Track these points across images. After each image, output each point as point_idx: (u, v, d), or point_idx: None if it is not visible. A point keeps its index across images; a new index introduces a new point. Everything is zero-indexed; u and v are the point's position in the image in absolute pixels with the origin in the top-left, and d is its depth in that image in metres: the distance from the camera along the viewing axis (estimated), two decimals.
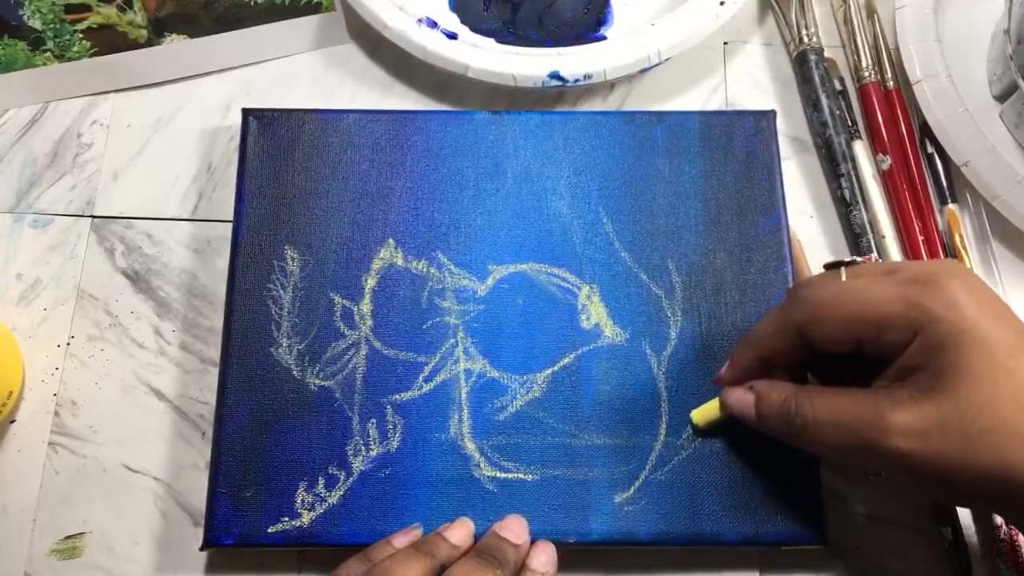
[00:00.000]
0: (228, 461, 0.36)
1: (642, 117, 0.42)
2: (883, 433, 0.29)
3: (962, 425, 0.28)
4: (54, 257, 0.42)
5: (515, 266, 0.39)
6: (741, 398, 0.34)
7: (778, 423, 0.33)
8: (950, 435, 0.28)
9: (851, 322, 0.30)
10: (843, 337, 0.31)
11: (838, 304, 0.31)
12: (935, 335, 0.29)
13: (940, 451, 0.29)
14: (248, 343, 0.38)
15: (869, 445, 0.30)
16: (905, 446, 0.29)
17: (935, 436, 0.29)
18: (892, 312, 0.29)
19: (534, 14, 0.47)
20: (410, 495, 0.36)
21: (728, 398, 0.35)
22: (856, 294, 0.31)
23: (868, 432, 0.30)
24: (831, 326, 0.31)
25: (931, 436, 0.29)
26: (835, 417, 0.31)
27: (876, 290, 0.30)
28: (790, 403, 0.32)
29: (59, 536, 0.38)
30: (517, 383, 0.38)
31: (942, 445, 0.28)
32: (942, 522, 0.37)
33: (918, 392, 0.29)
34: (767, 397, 0.33)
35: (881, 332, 0.30)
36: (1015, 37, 0.42)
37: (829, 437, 0.31)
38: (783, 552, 0.37)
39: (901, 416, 0.29)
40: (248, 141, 0.41)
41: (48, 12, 0.45)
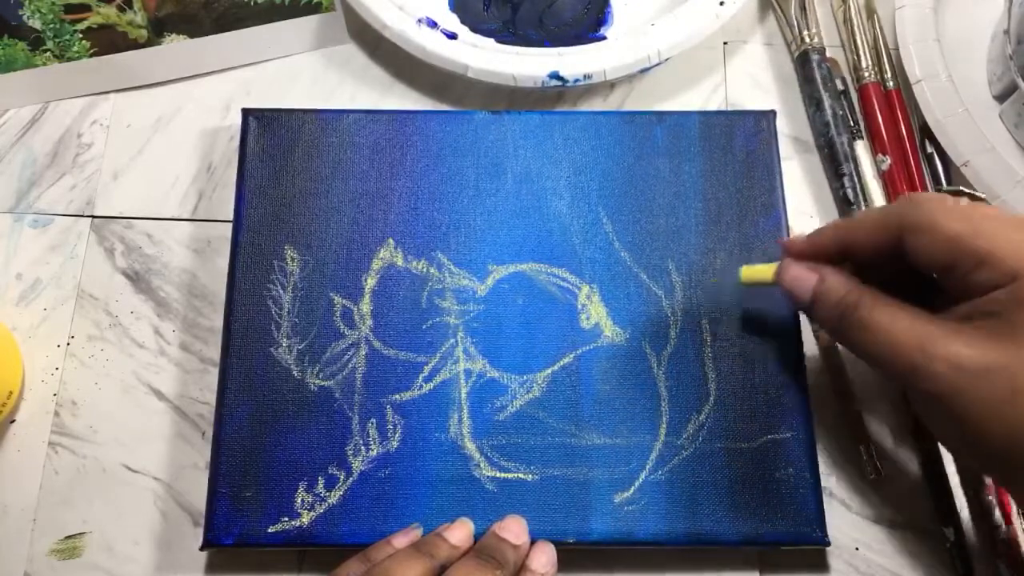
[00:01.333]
0: (228, 461, 0.36)
1: (642, 117, 0.42)
2: (931, 356, 0.28)
3: (1015, 379, 0.27)
4: (54, 257, 0.42)
5: (515, 266, 0.39)
6: (801, 275, 0.33)
7: (832, 313, 0.32)
8: (999, 384, 0.27)
9: (957, 245, 0.29)
10: (941, 255, 0.29)
11: (952, 221, 0.29)
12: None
13: (981, 394, 0.28)
14: (248, 343, 0.38)
15: (913, 362, 0.29)
16: (948, 375, 0.28)
17: (983, 377, 0.28)
18: (1002, 251, 0.28)
19: (534, 14, 0.47)
20: (410, 495, 0.36)
21: (788, 270, 0.34)
22: (974, 221, 0.29)
23: (918, 350, 0.29)
24: (936, 241, 0.29)
25: (978, 376, 0.28)
26: (891, 326, 0.30)
27: (995, 225, 0.29)
28: (853, 297, 0.31)
29: (59, 536, 0.38)
30: (517, 383, 0.38)
31: (986, 389, 0.28)
32: (944, 522, 0.37)
33: (983, 333, 0.28)
34: (831, 283, 0.32)
35: (980, 265, 0.29)
36: (1015, 37, 0.42)
37: (880, 346, 0.30)
38: (783, 552, 0.37)
39: (957, 346, 0.28)
40: (248, 141, 0.41)
41: (48, 12, 0.45)
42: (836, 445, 0.39)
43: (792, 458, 0.36)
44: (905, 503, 0.38)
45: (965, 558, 0.37)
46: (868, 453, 0.38)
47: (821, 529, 0.36)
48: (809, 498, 0.36)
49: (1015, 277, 0.28)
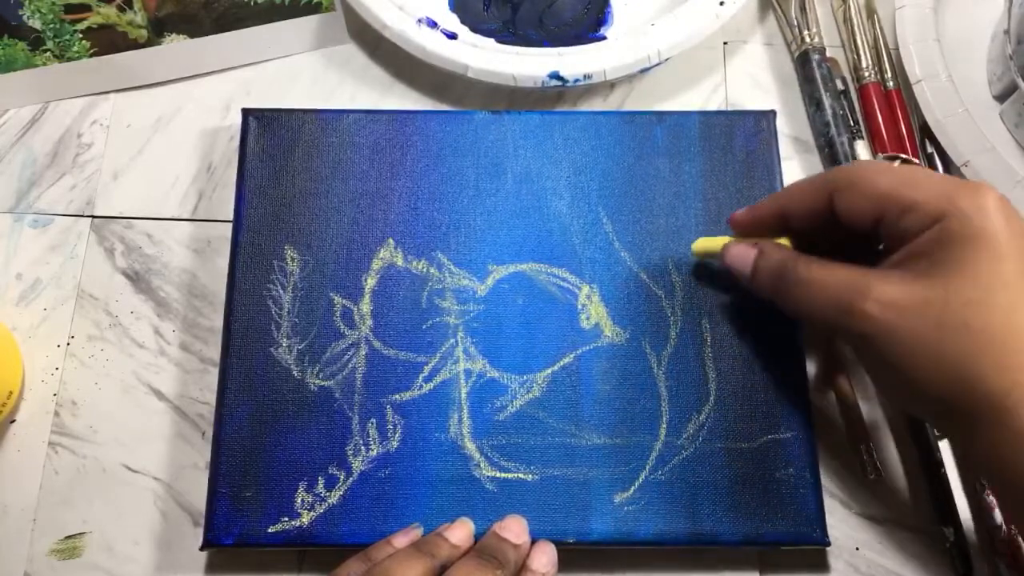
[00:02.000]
0: (228, 461, 0.36)
1: (642, 117, 0.42)
2: (862, 298, 0.30)
3: (942, 314, 0.28)
4: (54, 257, 0.42)
5: (515, 266, 0.39)
6: (743, 251, 0.35)
7: (771, 279, 0.34)
8: (926, 319, 0.29)
9: (882, 196, 0.31)
10: (868, 209, 0.31)
11: (878, 178, 0.31)
12: (953, 228, 0.29)
13: (910, 330, 0.29)
14: (248, 343, 0.38)
15: (845, 306, 0.30)
16: (878, 314, 0.29)
17: (911, 314, 0.29)
18: (924, 197, 0.30)
19: (534, 14, 0.47)
20: (410, 495, 0.36)
21: (730, 250, 0.36)
22: (897, 176, 0.31)
23: (849, 295, 0.30)
24: (862, 196, 0.31)
25: (907, 313, 0.29)
26: (825, 279, 0.32)
27: (917, 176, 0.31)
28: (788, 262, 0.33)
29: (59, 536, 0.38)
30: (517, 383, 0.38)
31: (915, 324, 0.29)
32: (944, 522, 0.37)
33: (912, 274, 0.30)
34: (769, 252, 0.34)
35: (905, 212, 0.30)
36: (1015, 37, 0.42)
37: (814, 296, 0.32)
38: (783, 552, 0.37)
39: (885, 287, 0.30)
40: (248, 141, 0.41)
41: (48, 12, 0.45)
42: (836, 445, 0.39)
43: (792, 458, 0.36)
44: (905, 503, 0.38)
45: (965, 558, 0.37)
46: (868, 453, 0.38)
47: (821, 529, 0.36)
48: (809, 498, 0.36)
49: (938, 218, 0.29)
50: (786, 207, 0.35)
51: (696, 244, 0.38)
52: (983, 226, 0.29)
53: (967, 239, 0.29)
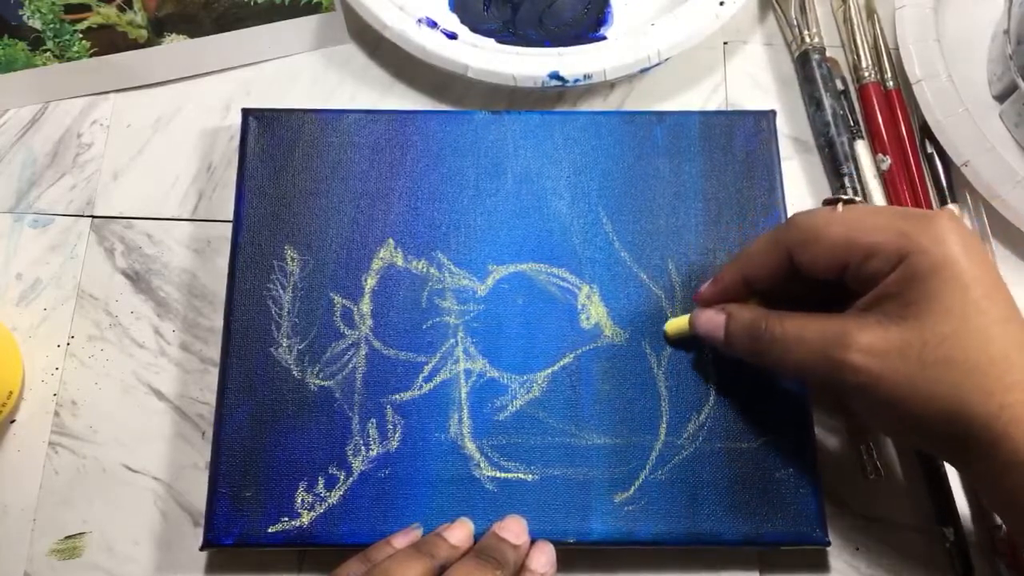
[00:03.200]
0: (228, 461, 0.36)
1: (642, 117, 0.42)
2: (844, 349, 0.30)
3: (923, 352, 0.29)
4: (54, 257, 0.42)
5: (515, 266, 0.39)
6: (711, 318, 0.35)
7: (745, 340, 0.34)
8: (909, 360, 0.29)
9: (841, 246, 0.31)
10: (830, 261, 0.32)
11: (832, 229, 0.31)
12: (916, 265, 0.29)
13: (896, 374, 0.29)
14: (248, 343, 0.38)
15: (829, 360, 0.30)
16: (863, 363, 0.30)
17: (894, 358, 0.29)
18: (882, 240, 0.30)
19: (534, 14, 0.47)
20: (410, 495, 0.36)
21: (699, 318, 0.36)
22: (850, 222, 0.31)
23: (830, 348, 0.30)
24: (821, 249, 0.32)
25: (890, 358, 0.29)
26: (801, 333, 0.32)
27: (871, 219, 0.31)
28: (760, 322, 0.33)
29: (59, 536, 0.38)
30: (517, 383, 0.38)
31: (899, 368, 0.29)
32: (944, 522, 0.37)
33: (886, 317, 0.30)
34: (739, 315, 0.34)
35: (868, 258, 0.30)
36: (1015, 37, 0.42)
37: (793, 352, 0.32)
38: (783, 552, 0.37)
39: (864, 335, 0.30)
40: (248, 141, 0.41)
41: (48, 12, 0.45)
42: (836, 445, 0.39)
43: (792, 458, 0.36)
44: (905, 503, 0.38)
45: (965, 558, 0.37)
46: (868, 453, 0.38)
47: (821, 529, 0.36)
48: (809, 498, 0.36)
49: (901, 258, 0.30)
50: (747, 274, 0.35)
51: (667, 327, 0.38)
52: (944, 257, 0.29)
53: (932, 274, 0.29)
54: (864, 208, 0.32)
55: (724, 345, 0.35)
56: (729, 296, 0.36)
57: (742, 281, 0.35)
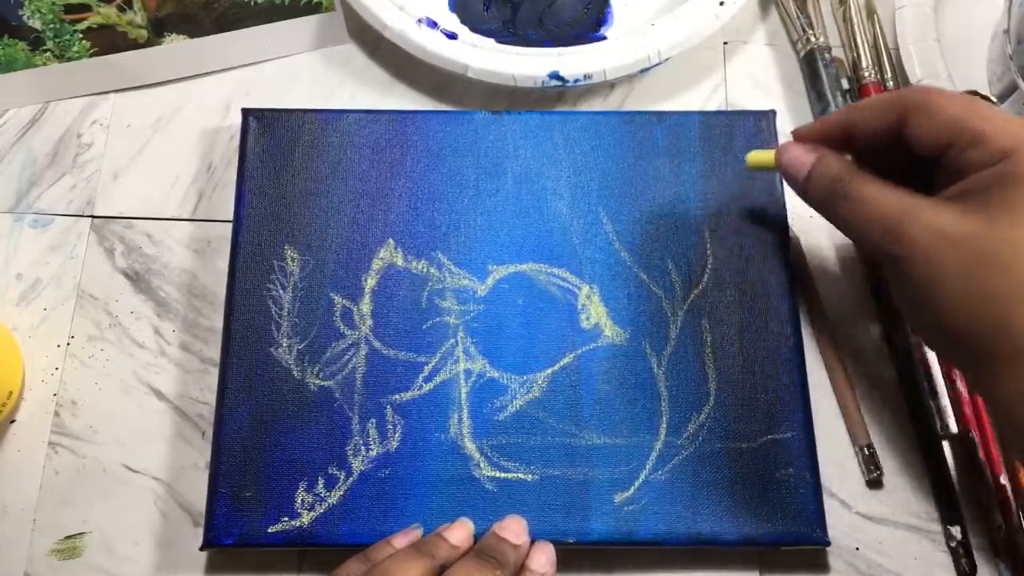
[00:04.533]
0: (228, 461, 0.36)
1: (642, 117, 0.42)
2: (910, 221, 0.30)
3: (986, 248, 0.28)
4: (54, 257, 0.42)
5: (515, 266, 0.39)
6: (801, 155, 0.35)
7: (824, 188, 0.33)
8: (967, 252, 0.28)
9: (955, 123, 0.30)
10: (938, 135, 0.31)
11: (952, 104, 0.31)
12: (1015, 169, 0.29)
13: (950, 261, 0.29)
14: (248, 343, 0.38)
15: (892, 229, 0.30)
16: (923, 238, 0.29)
17: (954, 245, 0.29)
18: (994, 133, 0.29)
19: (534, 14, 0.47)
20: (410, 495, 0.36)
21: (788, 150, 0.35)
22: (972, 107, 0.31)
23: (898, 216, 0.30)
24: (933, 119, 0.31)
25: (950, 243, 0.29)
26: (879, 198, 0.31)
27: (992, 112, 0.30)
28: (845, 175, 0.33)
29: (59, 536, 0.38)
30: (517, 383, 0.38)
31: (955, 256, 0.29)
32: (949, 521, 0.37)
33: (963, 207, 0.29)
34: (827, 161, 0.34)
35: (974, 144, 0.30)
36: (1015, 37, 0.42)
37: (864, 213, 0.31)
38: (783, 552, 0.37)
39: (935, 214, 0.29)
40: (248, 141, 0.41)
41: (48, 12, 0.45)
42: (836, 445, 0.39)
43: (792, 458, 0.36)
44: (905, 503, 0.38)
45: (971, 557, 0.37)
46: (868, 453, 0.38)
47: (821, 529, 0.36)
48: (809, 498, 0.36)
49: (1004, 156, 0.29)
50: (854, 122, 0.34)
51: (750, 156, 0.38)
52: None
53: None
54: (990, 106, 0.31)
55: (801, 186, 0.34)
56: (827, 140, 0.35)
57: (845, 129, 0.34)
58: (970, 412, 0.38)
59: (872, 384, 0.40)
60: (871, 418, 0.39)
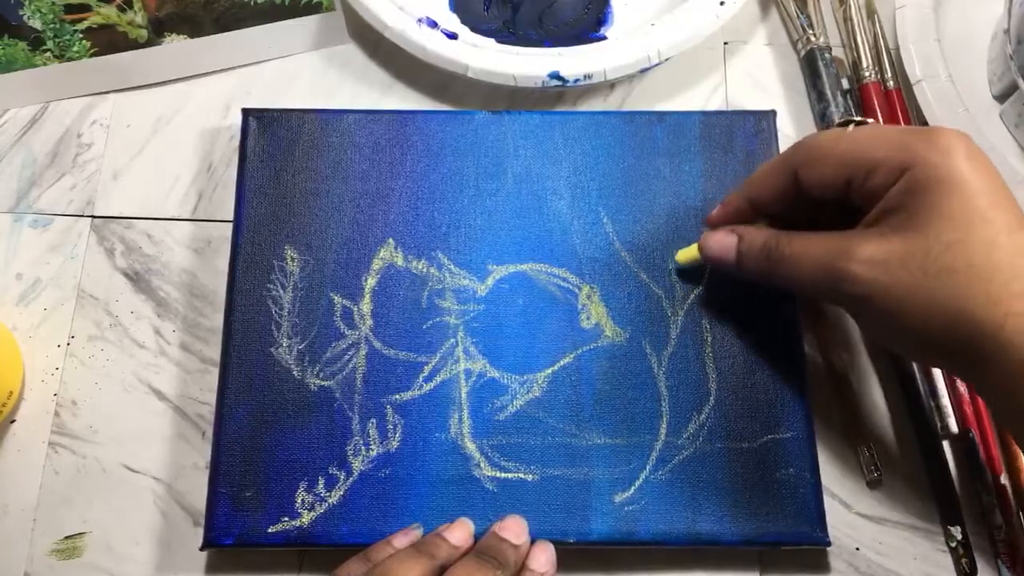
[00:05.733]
0: (228, 461, 0.36)
1: (642, 117, 0.42)
2: (847, 259, 0.30)
3: (925, 261, 0.29)
4: (54, 257, 0.42)
5: (515, 266, 0.39)
6: (722, 240, 0.36)
7: (757, 260, 0.34)
8: (911, 270, 0.29)
9: (845, 163, 0.31)
10: (835, 178, 0.32)
11: (837, 147, 0.32)
12: (919, 177, 0.29)
13: (898, 284, 0.29)
14: (248, 343, 0.38)
15: (832, 272, 0.31)
16: (863, 273, 0.30)
17: (896, 268, 0.29)
18: (884, 155, 0.30)
19: (534, 14, 0.47)
20: (410, 495, 0.36)
21: (709, 239, 0.36)
22: (855, 139, 0.32)
23: (834, 260, 0.31)
24: (826, 167, 0.32)
25: (891, 267, 0.29)
26: (809, 249, 0.32)
27: (876, 136, 0.31)
28: (771, 241, 0.34)
29: (59, 536, 0.38)
30: (517, 383, 0.38)
31: (901, 277, 0.29)
32: (949, 521, 0.37)
33: (889, 229, 0.30)
34: (750, 237, 0.35)
35: (871, 173, 0.31)
36: (1015, 37, 0.42)
37: (801, 268, 0.32)
38: (783, 552, 0.37)
39: (866, 247, 0.30)
40: (248, 141, 0.41)
41: (48, 12, 0.45)
42: (836, 445, 0.39)
43: (792, 458, 0.36)
44: (905, 503, 0.38)
45: (971, 557, 0.37)
46: (868, 453, 0.38)
47: (821, 529, 0.36)
48: (809, 498, 0.36)
49: (903, 170, 0.30)
50: (754, 196, 0.35)
51: (677, 256, 0.39)
52: (948, 168, 0.29)
53: (935, 184, 0.29)
54: (872, 127, 0.32)
55: (735, 266, 0.35)
56: (737, 219, 0.36)
57: (749, 203, 0.36)
58: (970, 412, 0.38)
59: (872, 384, 0.40)
60: (871, 418, 0.39)
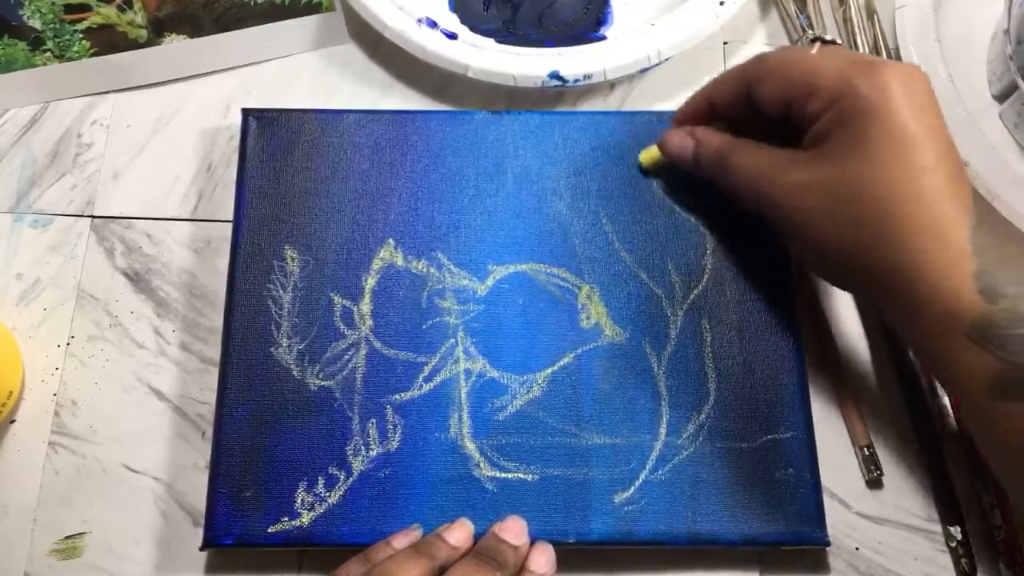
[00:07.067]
0: (228, 461, 0.36)
1: (642, 117, 0.42)
2: (770, 182, 0.33)
3: (835, 189, 0.30)
4: (54, 257, 0.42)
5: (515, 266, 0.39)
6: (680, 141, 0.38)
7: (710, 165, 0.36)
8: (823, 198, 0.31)
9: (789, 85, 0.32)
10: (777, 98, 0.33)
11: (784, 67, 0.33)
12: (846, 108, 0.30)
13: (811, 210, 0.31)
14: (248, 343, 0.38)
15: (759, 192, 0.33)
16: (786, 197, 0.32)
17: (810, 194, 0.31)
18: (824, 82, 0.31)
19: (534, 14, 0.47)
20: (410, 495, 0.36)
21: (669, 138, 0.38)
22: (804, 63, 0.32)
23: (766, 180, 0.33)
24: (773, 86, 0.33)
25: (808, 194, 0.31)
26: (747, 164, 0.34)
27: (821, 62, 0.32)
28: (724, 148, 0.35)
29: (59, 536, 0.38)
30: (517, 383, 0.38)
31: (814, 204, 0.31)
32: (950, 521, 0.37)
33: (815, 155, 0.31)
34: (708, 140, 0.36)
35: (808, 98, 0.32)
36: (1015, 37, 0.42)
37: (741, 182, 0.34)
38: (783, 552, 0.37)
39: (790, 171, 0.32)
40: (248, 141, 0.41)
41: (48, 12, 0.45)
42: (836, 445, 0.39)
43: (792, 458, 0.36)
44: (905, 503, 0.38)
45: (971, 557, 0.37)
46: (868, 453, 0.38)
47: (821, 529, 0.36)
48: (809, 498, 0.36)
49: (835, 100, 0.31)
50: (712, 99, 0.37)
51: (640, 156, 0.40)
52: (876, 102, 0.30)
53: (860, 116, 0.30)
54: (830, 50, 0.33)
55: (692, 168, 0.37)
56: (697, 118, 0.38)
57: (707, 105, 0.37)
58: None
59: (872, 384, 0.40)
60: (871, 418, 0.39)
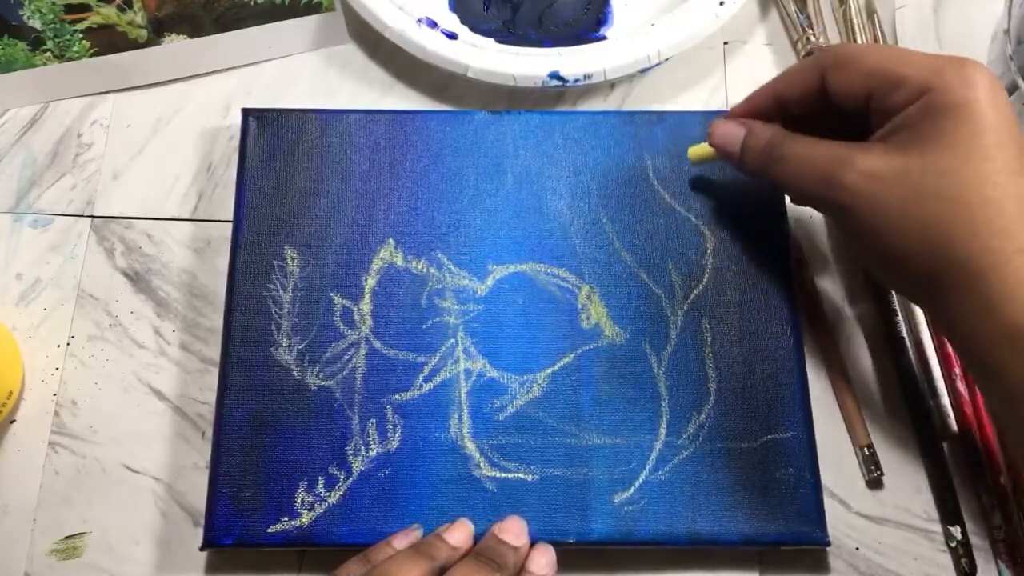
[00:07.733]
0: (228, 461, 0.36)
1: (642, 117, 0.42)
2: (843, 169, 0.31)
3: (920, 182, 0.29)
4: (54, 257, 0.42)
5: (515, 266, 0.39)
6: (731, 130, 0.36)
7: (758, 155, 0.35)
8: (903, 187, 0.30)
9: (872, 74, 0.31)
10: (859, 87, 0.32)
11: (867, 55, 0.32)
12: (937, 100, 0.30)
13: (888, 199, 0.30)
14: (248, 343, 0.38)
15: (828, 179, 0.31)
16: (857, 183, 0.30)
17: (889, 184, 0.30)
18: (911, 72, 0.30)
19: (534, 14, 0.47)
20: (410, 495, 0.36)
21: (718, 128, 0.37)
22: (887, 53, 0.32)
23: (832, 168, 0.31)
24: (853, 73, 0.32)
25: (885, 182, 0.30)
26: (809, 152, 0.33)
27: (907, 54, 0.31)
28: (776, 138, 0.34)
29: (59, 536, 0.38)
30: (517, 383, 0.38)
31: (892, 193, 0.30)
32: (950, 521, 0.37)
33: (893, 146, 0.30)
34: (757, 131, 0.35)
35: (894, 88, 0.31)
36: (1015, 37, 0.42)
37: (799, 170, 0.33)
38: (783, 552, 0.37)
39: (867, 159, 0.31)
40: (248, 141, 0.41)
41: (48, 12, 0.45)
42: (836, 445, 0.39)
43: (792, 458, 0.36)
44: (905, 503, 0.38)
45: (971, 557, 0.37)
46: (868, 453, 0.38)
47: (821, 529, 0.36)
48: (809, 498, 0.36)
49: (924, 91, 0.30)
50: (780, 91, 0.35)
51: (690, 151, 0.39)
52: (966, 98, 0.29)
53: (949, 110, 0.29)
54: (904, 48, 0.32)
55: (737, 159, 0.36)
56: (758, 113, 0.36)
57: (774, 100, 0.35)
58: (970, 412, 0.38)
59: (872, 384, 0.40)
60: (871, 418, 0.39)
